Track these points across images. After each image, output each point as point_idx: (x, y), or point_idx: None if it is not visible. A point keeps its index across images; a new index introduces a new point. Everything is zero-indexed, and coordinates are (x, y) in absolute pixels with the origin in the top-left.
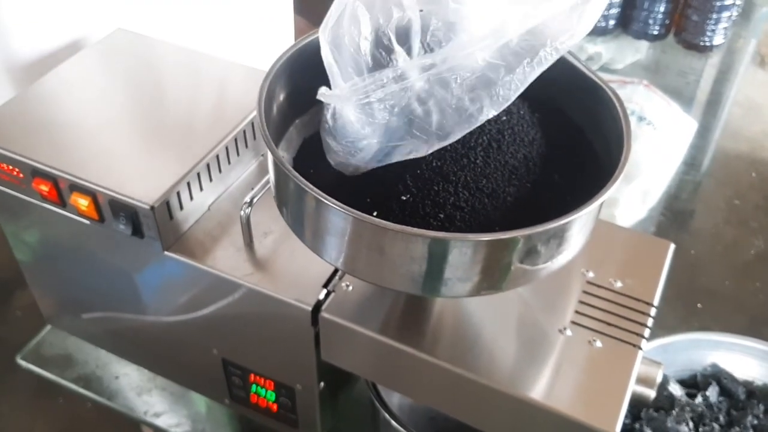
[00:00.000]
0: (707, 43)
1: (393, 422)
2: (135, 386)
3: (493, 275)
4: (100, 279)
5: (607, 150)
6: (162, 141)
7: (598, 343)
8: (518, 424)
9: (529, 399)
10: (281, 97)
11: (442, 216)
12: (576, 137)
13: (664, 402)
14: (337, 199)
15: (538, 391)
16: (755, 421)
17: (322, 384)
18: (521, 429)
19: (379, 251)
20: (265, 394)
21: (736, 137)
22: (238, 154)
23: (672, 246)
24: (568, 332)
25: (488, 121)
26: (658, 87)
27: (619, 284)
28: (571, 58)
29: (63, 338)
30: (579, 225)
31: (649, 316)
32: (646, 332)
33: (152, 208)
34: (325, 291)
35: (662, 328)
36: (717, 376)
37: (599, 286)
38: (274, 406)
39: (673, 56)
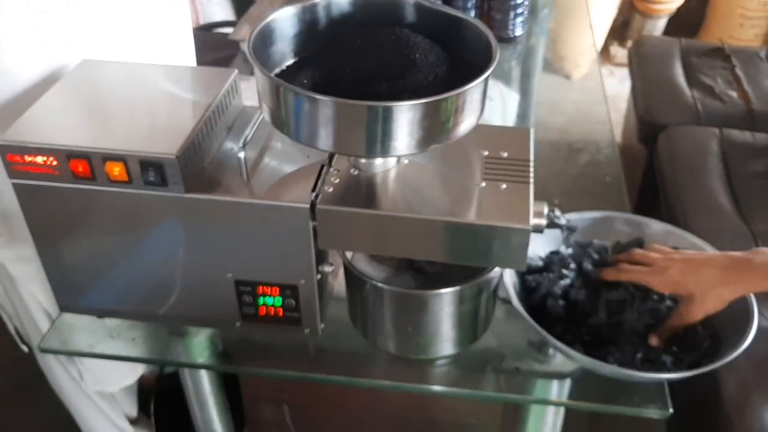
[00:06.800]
0: (512, 35)
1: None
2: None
3: (422, 133)
4: (126, 242)
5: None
6: (164, 117)
7: (504, 186)
8: (462, 245)
9: (468, 221)
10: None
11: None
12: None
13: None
14: None
15: (472, 216)
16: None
17: (319, 276)
18: (466, 249)
19: (348, 125)
20: (272, 302)
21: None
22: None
23: (532, 130)
24: (483, 184)
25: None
26: None
27: (505, 154)
28: (432, 5)
29: (74, 323)
30: (470, 97)
31: (529, 166)
32: (531, 175)
33: (177, 157)
34: (314, 193)
35: None
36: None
37: (494, 157)
38: (281, 311)
39: None
